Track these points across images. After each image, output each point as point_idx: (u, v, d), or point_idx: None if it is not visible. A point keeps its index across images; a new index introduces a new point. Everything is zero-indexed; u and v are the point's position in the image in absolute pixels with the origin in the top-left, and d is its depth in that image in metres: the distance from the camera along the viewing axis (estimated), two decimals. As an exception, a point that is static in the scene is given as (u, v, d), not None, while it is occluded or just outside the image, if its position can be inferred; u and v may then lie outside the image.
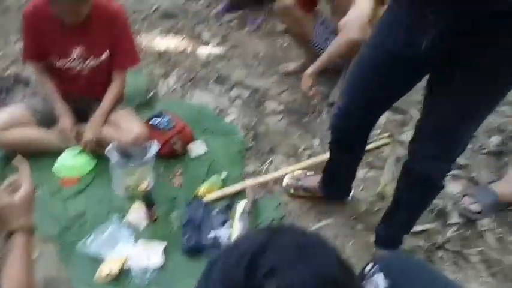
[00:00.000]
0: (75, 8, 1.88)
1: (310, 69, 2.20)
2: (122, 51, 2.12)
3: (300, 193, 1.98)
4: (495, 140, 2.26)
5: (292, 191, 1.98)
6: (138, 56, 2.23)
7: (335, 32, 2.45)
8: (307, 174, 2.00)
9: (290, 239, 0.66)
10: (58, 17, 1.92)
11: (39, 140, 2.16)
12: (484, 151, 2.21)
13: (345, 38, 2.10)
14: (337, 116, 1.59)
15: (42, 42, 2.06)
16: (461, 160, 2.15)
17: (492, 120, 2.34)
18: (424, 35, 1.17)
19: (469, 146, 2.24)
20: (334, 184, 1.89)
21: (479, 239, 1.83)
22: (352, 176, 1.85)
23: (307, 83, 2.19)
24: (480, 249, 1.79)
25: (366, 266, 0.95)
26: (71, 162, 2.12)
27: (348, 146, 1.66)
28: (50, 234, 1.83)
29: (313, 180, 1.95)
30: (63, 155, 2.14)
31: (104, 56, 2.10)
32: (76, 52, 2.06)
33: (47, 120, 2.19)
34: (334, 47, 2.15)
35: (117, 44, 2.09)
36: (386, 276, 0.89)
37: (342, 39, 2.11)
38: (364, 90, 1.45)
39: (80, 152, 2.13)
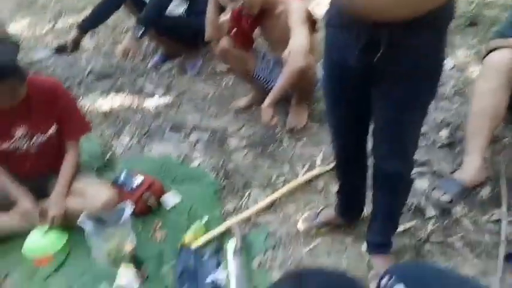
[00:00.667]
0: (10, 93, 1.89)
1: (267, 101, 2.32)
2: (71, 122, 2.13)
3: (322, 230, 2.01)
4: (444, 133, 2.50)
5: (314, 231, 2.01)
6: (88, 123, 2.24)
7: (278, 63, 2.64)
8: (317, 211, 2.06)
9: (318, 285, 0.69)
10: None
11: (0, 225, 2.07)
12: (438, 145, 2.44)
13: (293, 68, 2.26)
14: (332, 135, 1.71)
15: None
16: (421, 157, 2.35)
17: (436, 116, 2.59)
18: (351, 51, 1.32)
19: (424, 143, 2.46)
20: (351, 206, 1.95)
21: (457, 226, 2.00)
22: (364, 192, 1.89)
23: (267, 114, 2.31)
24: (461, 234, 1.95)
25: (381, 279, 0.97)
26: (41, 242, 2.05)
27: (350, 166, 1.75)
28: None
29: (328, 213, 2.02)
30: (30, 235, 2.07)
31: (52, 130, 2.09)
32: (20, 132, 2.04)
33: (3, 203, 2.10)
34: (284, 77, 2.30)
35: (63, 116, 2.09)
36: (406, 285, 0.91)
37: (290, 70, 2.27)
38: (335, 109, 1.59)
39: (47, 230, 2.05)
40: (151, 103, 3.05)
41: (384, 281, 0.95)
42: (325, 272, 0.73)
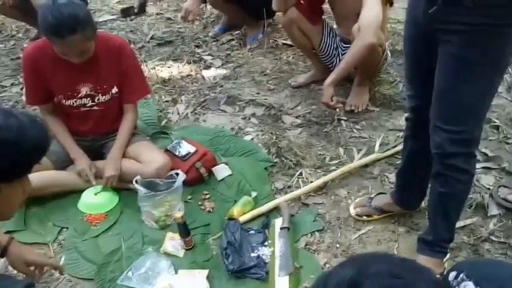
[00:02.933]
0: (81, 47, 1.93)
1: (330, 80, 2.28)
2: (132, 84, 2.18)
3: (375, 216, 1.97)
4: (518, 129, 2.36)
5: (365, 217, 1.98)
6: (149, 86, 2.31)
7: (344, 40, 2.57)
8: (371, 196, 2.02)
9: (382, 268, 0.66)
10: (63, 57, 1.96)
11: (57, 182, 2.20)
12: (509, 141, 2.30)
13: (362, 43, 2.19)
14: (408, 99, 1.73)
15: (46, 83, 2.10)
16: (489, 152, 2.23)
17: (510, 110, 2.45)
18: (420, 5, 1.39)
19: (494, 138, 2.33)
20: (410, 191, 1.88)
21: (522, 227, 1.90)
22: (427, 178, 1.77)
23: (328, 94, 2.27)
24: (525, 237, 1.85)
25: (448, 274, 0.93)
26: (94, 201, 2.16)
27: (419, 135, 1.69)
28: (87, 274, 1.85)
29: (383, 198, 1.97)
30: (84, 194, 2.17)
31: (113, 91, 2.16)
32: (84, 90, 2.12)
33: (62, 160, 2.22)
34: (351, 54, 2.24)
35: (126, 77, 2.15)
36: (476, 284, 0.86)
37: (358, 45, 2.20)
38: (409, 64, 1.62)
39: (101, 189, 2.15)
40: (209, 74, 3.09)
41: (451, 276, 0.90)
42: (389, 257, 0.70)
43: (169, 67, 3.20)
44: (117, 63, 2.11)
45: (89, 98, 2.14)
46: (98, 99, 2.15)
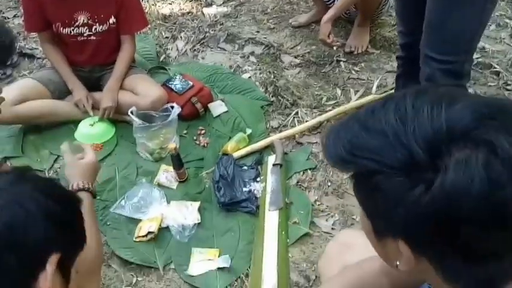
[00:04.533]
0: None
1: (327, 16, 2.14)
2: (130, 15, 2.07)
3: None
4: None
5: None
6: (146, 20, 2.20)
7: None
8: None
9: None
10: None
11: (55, 111, 2.12)
12: (509, 87, 2.18)
13: None
14: (399, 35, 1.70)
15: (44, 11, 2.00)
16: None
17: None
18: None
19: (494, 83, 2.21)
20: None
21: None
22: None
23: (325, 30, 2.13)
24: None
25: None
26: (91, 131, 2.08)
27: (410, 72, 1.63)
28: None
29: None
30: (81, 123, 2.09)
31: (111, 21, 2.04)
32: (81, 18, 2.00)
33: (60, 90, 2.13)
34: None
35: (123, 8, 2.03)
36: None
37: None
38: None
39: (98, 120, 2.07)
40: (210, 11, 2.90)
41: None
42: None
43: (170, 3, 3.01)
44: None
45: (86, 27, 2.03)
46: (95, 29, 2.04)
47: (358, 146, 0.54)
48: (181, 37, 2.70)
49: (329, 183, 1.82)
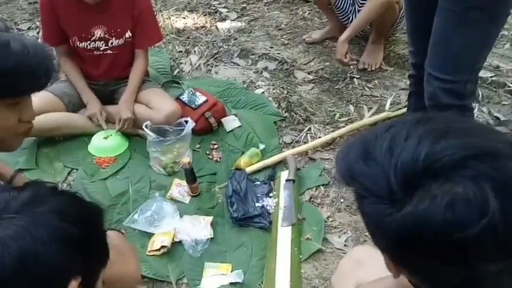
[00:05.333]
0: None
1: (344, 36, 2.15)
2: (144, 30, 2.08)
3: None
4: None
5: None
6: (161, 34, 2.22)
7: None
8: None
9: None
10: None
11: (69, 124, 2.14)
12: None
13: (378, 0, 2.05)
14: (410, 55, 1.71)
15: (61, 24, 2.03)
16: (501, 116, 2.10)
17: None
18: None
19: (507, 102, 2.19)
20: None
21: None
22: None
23: (342, 50, 2.14)
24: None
25: None
26: (104, 144, 2.09)
27: (422, 91, 1.60)
28: (94, 215, 1.80)
29: None
30: (95, 136, 2.11)
31: (127, 35, 2.07)
32: (98, 33, 2.03)
33: (75, 103, 2.15)
34: (367, 9, 2.11)
35: (139, 22, 2.05)
36: None
37: (374, 2, 2.06)
38: (410, 19, 1.60)
39: (115, 133, 2.08)
40: (224, 26, 2.94)
41: None
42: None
43: (184, 18, 3.05)
44: (132, 7, 2.01)
45: (102, 41, 2.05)
46: (112, 43, 2.06)
47: (354, 170, 0.59)
48: (195, 51, 2.73)
49: (342, 200, 1.81)
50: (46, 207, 0.64)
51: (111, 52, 2.08)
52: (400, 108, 2.15)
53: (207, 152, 2.06)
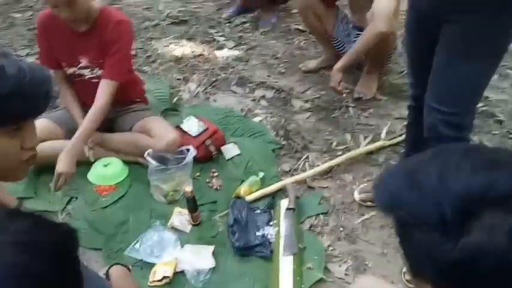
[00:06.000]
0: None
1: (339, 65, 2.19)
2: (116, 61, 1.98)
3: None
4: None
5: (369, 203, 1.89)
6: (123, 75, 2.03)
7: (357, 27, 2.45)
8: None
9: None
10: (55, 12, 1.85)
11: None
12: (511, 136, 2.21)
13: (374, 31, 2.10)
14: (409, 86, 1.73)
15: (53, 49, 2.05)
16: (492, 145, 2.14)
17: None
18: None
19: (497, 132, 2.24)
20: None
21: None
22: None
23: (336, 78, 2.18)
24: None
25: None
26: (104, 172, 2.09)
27: (420, 122, 1.62)
28: (95, 244, 1.78)
29: None
30: (95, 164, 2.10)
31: None
32: (84, 60, 2.03)
33: (73, 130, 2.12)
34: (362, 40, 2.15)
35: (113, 52, 1.96)
36: None
37: (371, 32, 2.11)
38: (411, 52, 1.62)
39: (112, 161, 2.07)
40: (221, 54, 2.98)
41: None
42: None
43: (182, 46, 3.09)
44: (115, 40, 1.95)
45: (88, 69, 2.04)
46: (95, 73, 2.03)
47: (401, 198, 0.58)
48: (193, 79, 2.76)
49: (341, 228, 1.82)
50: (1, 237, 0.53)
51: (97, 81, 2.01)
52: (396, 137, 2.18)
53: (207, 180, 2.06)
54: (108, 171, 2.08)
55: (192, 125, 2.21)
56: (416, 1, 1.50)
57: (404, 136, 2.10)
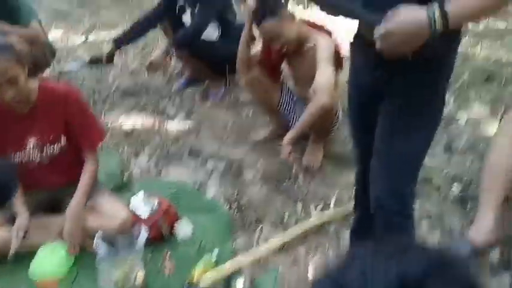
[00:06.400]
0: (9, 74, 1.70)
1: (288, 138, 2.25)
2: (86, 131, 1.95)
3: None
4: (456, 188, 2.40)
5: None
6: (102, 132, 2.05)
7: (302, 100, 2.58)
8: (328, 260, 1.94)
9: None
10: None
11: (6, 241, 1.88)
12: (450, 199, 2.34)
13: (317, 105, 2.21)
14: (355, 153, 1.71)
15: None
16: (432, 210, 2.25)
17: (449, 171, 2.50)
18: (373, 72, 1.37)
19: (436, 196, 2.36)
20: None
21: None
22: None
23: (287, 150, 2.24)
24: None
25: None
26: (47, 263, 1.88)
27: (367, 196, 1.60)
28: None
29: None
30: (38, 253, 1.90)
31: (62, 141, 1.94)
32: (31, 142, 1.90)
33: (12, 217, 1.98)
34: (307, 114, 2.24)
35: (77, 125, 1.92)
36: None
37: (314, 106, 2.21)
38: (354, 123, 1.63)
39: (55, 247, 1.92)
40: (172, 126, 2.98)
41: None
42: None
43: (133, 118, 3.08)
44: (63, 113, 1.88)
45: (37, 150, 1.91)
46: (46, 151, 1.92)
47: None
48: (144, 152, 2.73)
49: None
50: None
51: (46, 163, 1.93)
52: (344, 205, 2.24)
53: (159, 264, 1.98)
54: (51, 261, 1.88)
55: (142, 204, 2.12)
56: (356, 74, 1.50)
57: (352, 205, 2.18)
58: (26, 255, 1.90)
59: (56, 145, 1.93)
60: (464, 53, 3.57)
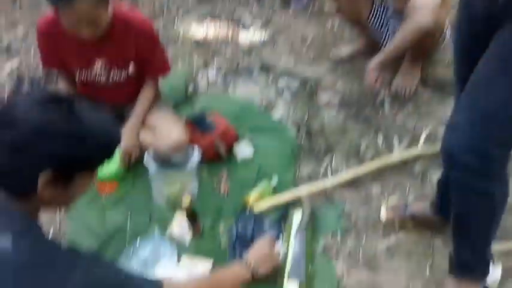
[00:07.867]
0: (93, 15, 1.64)
1: (375, 62, 1.93)
2: (153, 62, 1.92)
3: (409, 224, 1.62)
4: None
5: (398, 224, 1.63)
6: (168, 66, 2.00)
7: (398, 14, 2.12)
8: (406, 204, 1.66)
9: None
10: (72, 32, 1.69)
11: None
12: None
13: (415, 25, 1.82)
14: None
15: (60, 56, 1.88)
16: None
17: None
18: None
19: None
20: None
21: None
22: None
23: (373, 76, 1.89)
24: None
25: None
26: (107, 168, 1.90)
27: None
28: (89, 247, 1.65)
29: (421, 206, 1.62)
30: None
31: (130, 68, 1.89)
32: (99, 64, 1.87)
33: None
34: (403, 36, 1.87)
35: (146, 56, 1.88)
36: None
37: (411, 27, 1.83)
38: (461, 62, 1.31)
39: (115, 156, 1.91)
40: (246, 37, 2.73)
41: None
42: None
43: (205, 27, 2.87)
44: (134, 43, 1.83)
45: (104, 72, 1.89)
46: (112, 76, 1.90)
47: None
48: (214, 64, 2.55)
49: (360, 253, 1.57)
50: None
51: (112, 85, 1.92)
52: (437, 143, 1.88)
53: (215, 183, 1.87)
54: (112, 166, 1.92)
55: (202, 121, 1.99)
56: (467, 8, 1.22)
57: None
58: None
59: (123, 71, 1.90)
60: None
